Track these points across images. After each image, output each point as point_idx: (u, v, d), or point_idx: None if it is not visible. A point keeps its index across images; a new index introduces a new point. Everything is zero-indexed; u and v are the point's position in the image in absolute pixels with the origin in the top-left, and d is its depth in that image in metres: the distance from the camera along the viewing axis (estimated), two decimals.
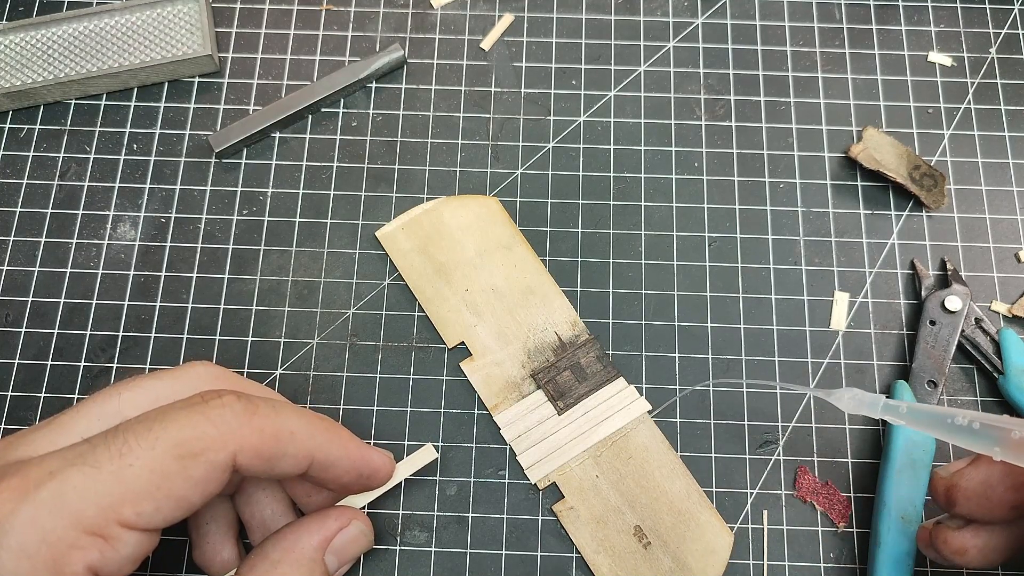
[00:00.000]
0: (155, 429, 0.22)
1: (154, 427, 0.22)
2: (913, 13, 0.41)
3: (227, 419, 0.23)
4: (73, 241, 0.37)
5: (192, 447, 0.22)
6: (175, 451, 0.22)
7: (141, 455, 0.21)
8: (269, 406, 0.24)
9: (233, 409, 0.23)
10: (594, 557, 0.32)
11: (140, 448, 0.21)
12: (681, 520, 0.32)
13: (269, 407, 0.24)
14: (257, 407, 0.24)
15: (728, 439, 0.34)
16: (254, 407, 0.24)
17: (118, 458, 0.21)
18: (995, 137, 0.39)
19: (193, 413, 0.22)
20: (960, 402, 0.35)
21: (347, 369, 0.35)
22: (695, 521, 0.32)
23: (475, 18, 0.41)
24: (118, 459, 0.21)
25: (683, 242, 0.37)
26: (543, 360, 0.35)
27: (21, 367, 0.35)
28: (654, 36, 0.40)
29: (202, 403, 0.23)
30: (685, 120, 0.39)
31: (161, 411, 0.23)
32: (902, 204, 0.38)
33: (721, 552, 0.32)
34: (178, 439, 0.22)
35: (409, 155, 0.38)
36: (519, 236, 0.37)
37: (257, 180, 0.38)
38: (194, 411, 0.23)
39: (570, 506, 0.32)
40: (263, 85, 0.40)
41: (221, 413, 0.23)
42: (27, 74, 0.38)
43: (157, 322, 0.36)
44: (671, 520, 0.32)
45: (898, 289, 0.36)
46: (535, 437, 0.33)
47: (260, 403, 0.24)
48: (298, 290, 0.36)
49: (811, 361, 0.35)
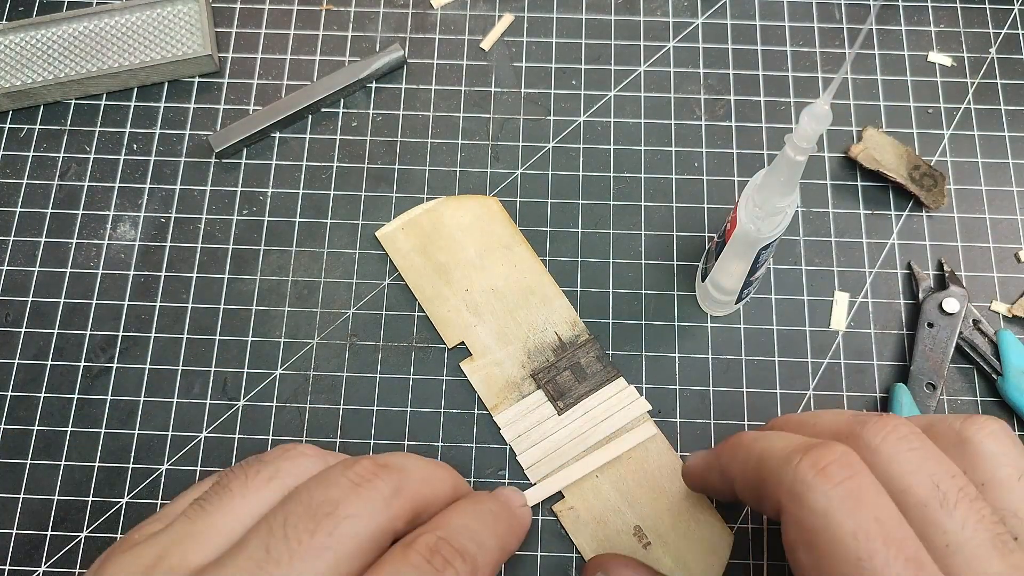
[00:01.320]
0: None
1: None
2: (913, 13, 0.41)
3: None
4: (73, 241, 0.37)
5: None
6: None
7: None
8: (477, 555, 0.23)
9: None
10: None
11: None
12: (681, 520, 0.32)
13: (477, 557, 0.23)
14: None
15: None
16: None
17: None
18: (995, 137, 0.39)
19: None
20: (959, 403, 0.35)
21: (347, 369, 0.35)
22: (695, 521, 0.32)
23: (475, 18, 0.41)
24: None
25: (683, 242, 0.37)
26: (543, 360, 0.35)
27: (21, 367, 0.35)
28: (654, 36, 0.40)
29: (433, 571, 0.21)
30: (685, 120, 0.39)
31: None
32: (902, 204, 0.38)
33: (721, 552, 0.32)
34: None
35: (409, 155, 0.38)
36: (519, 236, 0.37)
37: (257, 180, 0.38)
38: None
39: (570, 506, 0.32)
40: (263, 85, 0.40)
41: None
42: (27, 74, 0.38)
43: (157, 322, 0.36)
44: (671, 520, 0.32)
45: (898, 289, 0.36)
46: (535, 437, 0.33)
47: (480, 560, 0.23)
48: (298, 290, 0.36)
49: (811, 361, 0.35)
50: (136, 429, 0.34)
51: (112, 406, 0.34)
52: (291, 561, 0.19)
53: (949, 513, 0.20)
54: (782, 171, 0.26)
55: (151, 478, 0.33)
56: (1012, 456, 0.22)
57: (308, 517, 0.20)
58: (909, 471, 0.21)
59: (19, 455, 0.34)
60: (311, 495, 0.21)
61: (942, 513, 0.20)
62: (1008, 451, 0.22)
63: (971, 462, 0.22)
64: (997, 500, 0.21)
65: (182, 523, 0.21)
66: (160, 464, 0.34)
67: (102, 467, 0.34)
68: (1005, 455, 0.22)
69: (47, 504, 0.33)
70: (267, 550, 0.20)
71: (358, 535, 0.21)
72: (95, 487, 0.33)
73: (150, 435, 0.34)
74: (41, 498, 0.33)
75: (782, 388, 0.35)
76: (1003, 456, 0.22)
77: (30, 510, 0.33)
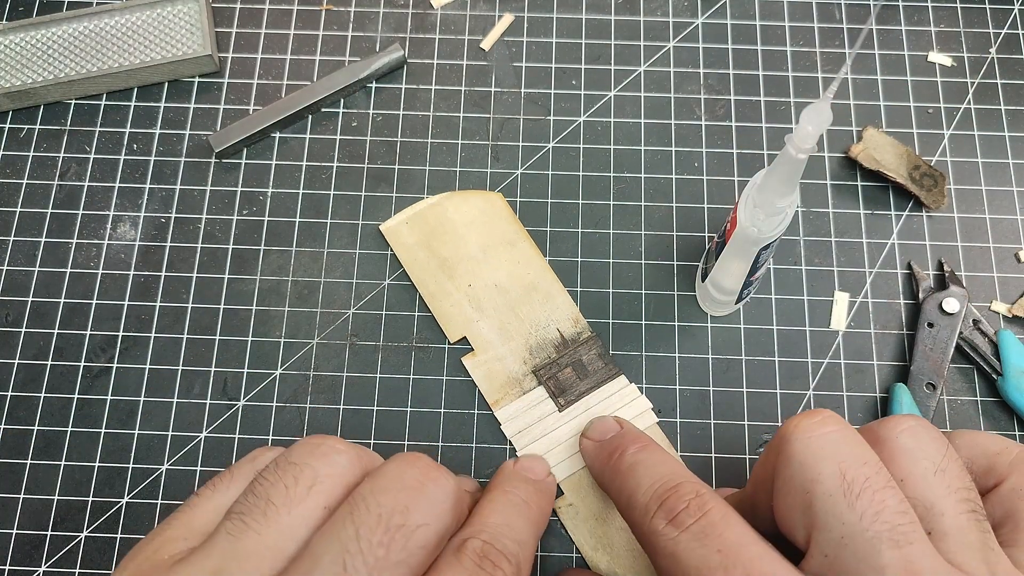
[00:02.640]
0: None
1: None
2: (913, 13, 0.41)
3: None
4: (73, 241, 0.37)
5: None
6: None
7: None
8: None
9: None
10: (593, 554, 0.32)
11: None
12: None
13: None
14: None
15: (728, 439, 0.34)
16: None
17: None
18: (995, 137, 0.39)
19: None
20: (959, 403, 0.35)
21: (347, 369, 0.35)
22: None
23: (475, 18, 0.41)
24: None
25: (683, 242, 0.37)
26: (545, 356, 0.35)
27: (21, 367, 0.35)
28: (654, 36, 0.40)
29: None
30: (685, 120, 0.39)
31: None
32: (902, 204, 0.38)
33: None
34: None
35: (409, 155, 0.38)
36: (523, 232, 0.37)
37: (257, 180, 0.38)
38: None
39: (569, 503, 0.32)
40: (263, 85, 0.40)
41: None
42: (27, 74, 0.38)
43: (157, 322, 0.36)
44: None
45: (898, 289, 0.36)
46: (536, 433, 0.33)
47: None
48: (298, 290, 0.36)
49: (811, 361, 0.35)
50: (136, 429, 0.34)
51: (112, 406, 0.34)
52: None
53: (851, 504, 0.21)
54: (782, 171, 0.26)
55: (151, 478, 0.33)
56: (929, 451, 0.22)
57: (381, 529, 0.20)
58: (821, 457, 0.22)
59: (19, 455, 0.34)
60: (379, 502, 0.21)
61: (844, 503, 0.21)
62: (924, 446, 0.23)
63: (890, 458, 0.22)
64: (914, 494, 0.22)
65: (227, 540, 0.20)
66: (160, 464, 0.34)
67: (102, 467, 0.34)
68: (921, 450, 0.22)
69: (47, 504, 0.33)
70: (344, 567, 0.19)
71: (428, 544, 0.21)
72: (95, 487, 0.33)
73: (150, 435, 0.34)
74: (41, 498, 0.33)
75: (782, 388, 0.35)
76: (919, 451, 0.22)
77: (30, 510, 0.33)
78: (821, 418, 0.23)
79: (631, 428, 0.31)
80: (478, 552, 0.22)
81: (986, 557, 0.21)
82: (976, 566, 0.20)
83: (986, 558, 0.21)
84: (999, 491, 0.23)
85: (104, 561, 0.32)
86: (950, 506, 0.21)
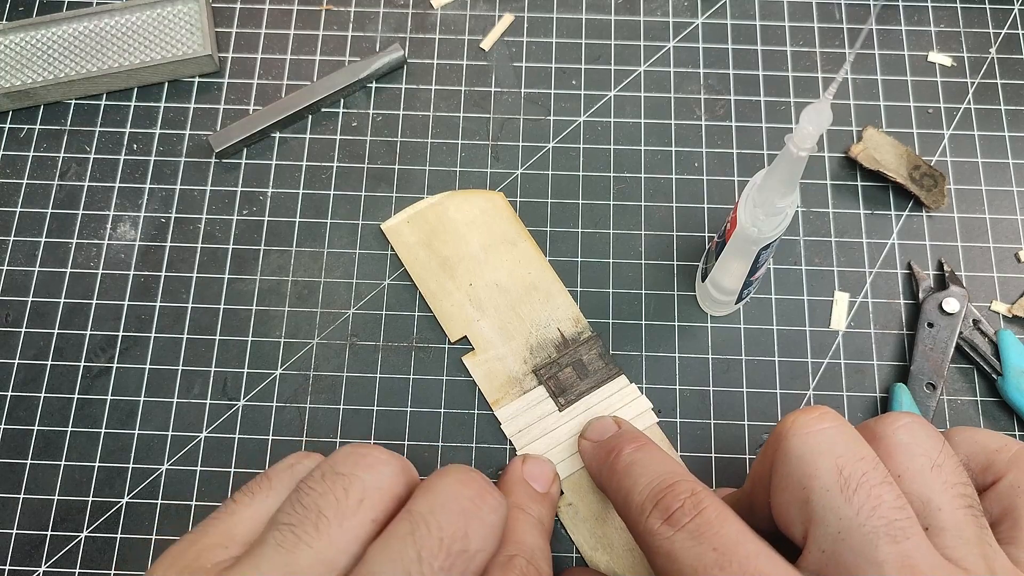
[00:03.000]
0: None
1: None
2: (913, 13, 0.41)
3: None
4: (73, 241, 0.37)
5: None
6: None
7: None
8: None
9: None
10: (592, 554, 0.32)
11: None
12: None
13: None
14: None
15: (728, 439, 0.34)
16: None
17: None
18: (995, 137, 0.39)
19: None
20: (959, 403, 0.35)
21: (347, 369, 0.35)
22: None
23: (475, 18, 0.41)
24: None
25: (683, 242, 0.37)
26: (545, 356, 0.35)
27: (21, 367, 0.35)
28: (654, 36, 0.40)
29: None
30: (685, 120, 0.39)
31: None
32: (902, 204, 0.38)
33: None
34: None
35: (409, 155, 0.38)
36: (524, 232, 0.37)
37: (257, 180, 0.38)
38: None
39: (569, 503, 0.32)
40: (263, 85, 0.40)
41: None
42: (27, 74, 0.38)
43: (157, 322, 0.36)
44: None
45: (898, 289, 0.36)
46: (535, 433, 0.33)
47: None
48: (298, 290, 0.36)
49: (811, 361, 0.35)
50: (136, 429, 0.34)
51: (112, 406, 0.34)
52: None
53: (848, 499, 0.21)
54: (782, 171, 0.26)
55: (151, 478, 0.33)
56: (925, 447, 0.22)
57: (443, 554, 0.20)
58: (818, 453, 0.22)
59: (19, 455, 0.34)
60: (440, 525, 0.21)
61: (841, 499, 0.21)
62: (920, 442, 0.23)
63: (887, 454, 0.22)
64: (911, 490, 0.22)
65: (276, 552, 0.20)
66: (160, 464, 0.34)
67: (102, 467, 0.34)
68: (918, 445, 0.23)
69: (47, 504, 0.33)
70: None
71: (481, 568, 0.22)
72: (95, 487, 0.33)
73: (150, 435, 0.34)
74: (41, 498, 0.33)
75: (782, 388, 0.35)
76: (916, 447, 0.22)
77: (30, 510, 0.33)
78: (818, 414, 0.23)
79: (629, 428, 0.31)
80: (523, 570, 0.24)
81: (983, 552, 0.21)
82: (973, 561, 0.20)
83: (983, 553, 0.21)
84: (997, 488, 0.23)
85: (104, 561, 0.32)
86: (947, 501, 0.21)
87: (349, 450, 0.23)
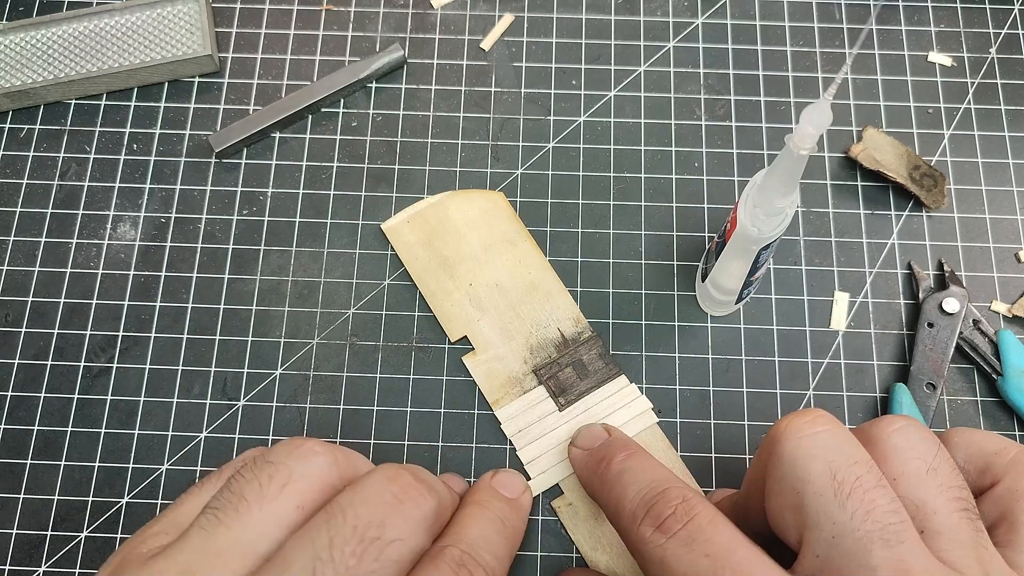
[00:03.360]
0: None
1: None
2: (913, 13, 0.41)
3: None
4: (73, 241, 0.37)
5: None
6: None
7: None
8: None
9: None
10: (592, 554, 0.32)
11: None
12: None
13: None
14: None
15: (728, 439, 0.34)
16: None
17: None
18: (995, 137, 0.39)
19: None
20: (959, 403, 0.35)
21: (347, 369, 0.35)
22: None
23: (475, 18, 0.41)
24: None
25: (683, 242, 0.37)
26: (545, 356, 0.35)
27: (21, 367, 0.35)
28: (654, 36, 0.40)
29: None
30: (685, 120, 0.39)
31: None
32: (902, 204, 0.38)
33: None
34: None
35: (409, 155, 0.38)
36: (524, 231, 0.37)
37: (257, 180, 0.38)
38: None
39: (568, 502, 0.32)
40: (263, 85, 0.40)
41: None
42: (27, 74, 0.38)
43: (157, 322, 0.36)
44: None
45: (898, 289, 0.36)
46: (535, 433, 0.33)
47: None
48: (298, 290, 0.36)
49: (811, 361, 0.35)
50: (136, 429, 0.34)
51: (112, 406, 0.34)
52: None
53: (841, 504, 0.21)
54: (782, 171, 0.26)
55: (151, 478, 0.33)
56: (920, 450, 0.22)
57: (355, 540, 0.20)
58: (812, 456, 0.22)
59: (19, 455, 0.34)
60: (356, 514, 0.21)
61: (835, 503, 0.21)
62: (915, 445, 0.23)
63: (882, 458, 0.22)
64: (906, 493, 0.21)
65: (199, 536, 0.20)
66: (160, 464, 0.34)
67: (102, 467, 0.34)
68: (912, 449, 0.22)
69: (47, 504, 0.33)
70: (313, 573, 0.19)
71: (401, 559, 0.21)
72: (95, 487, 0.33)
73: (150, 435, 0.34)
74: (41, 498, 0.33)
75: (782, 388, 0.35)
76: (910, 450, 0.22)
77: (30, 510, 0.33)
78: (812, 418, 0.23)
79: (619, 436, 0.31)
80: (456, 560, 0.22)
81: (979, 555, 0.20)
82: (969, 564, 0.20)
83: (979, 556, 0.20)
84: (995, 491, 0.23)
85: (104, 561, 0.32)
86: (942, 504, 0.21)
87: (286, 441, 0.23)
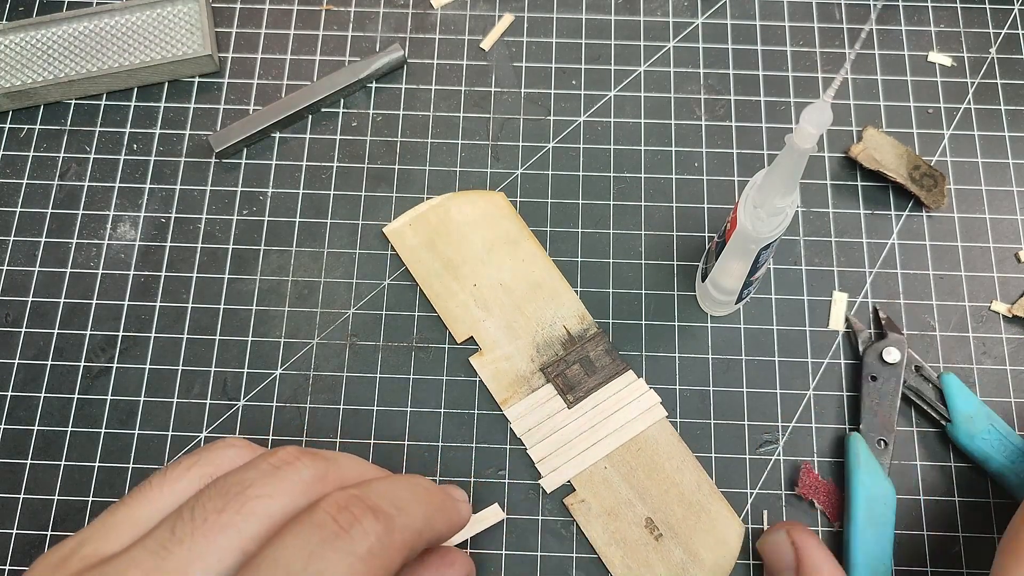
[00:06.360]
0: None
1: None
2: (913, 13, 0.41)
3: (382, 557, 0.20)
4: (73, 241, 0.37)
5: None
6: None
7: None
8: (408, 529, 0.22)
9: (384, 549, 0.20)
10: (606, 549, 0.32)
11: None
12: (692, 512, 0.32)
13: (408, 530, 0.22)
14: (403, 540, 0.21)
15: (728, 439, 0.34)
16: (401, 540, 0.21)
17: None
18: (995, 137, 0.39)
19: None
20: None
21: (347, 369, 0.35)
22: (706, 512, 0.32)
23: (475, 18, 0.41)
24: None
25: (683, 242, 0.37)
26: (552, 354, 0.35)
27: (21, 367, 0.35)
28: (654, 36, 0.40)
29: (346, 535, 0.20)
30: (685, 120, 0.39)
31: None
32: (902, 204, 0.38)
33: (732, 543, 0.32)
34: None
35: (409, 155, 0.38)
36: (526, 231, 0.37)
37: (257, 180, 0.38)
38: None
39: (581, 499, 0.33)
40: (263, 85, 0.40)
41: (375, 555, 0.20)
42: (27, 74, 0.38)
43: (157, 322, 0.36)
44: (682, 512, 0.32)
45: (898, 289, 0.36)
46: (545, 431, 0.33)
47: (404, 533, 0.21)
48: (298, 290, 0.36)
49: (811, 361, 0.35)
50: (136, 429, 0.34)
51: (112, 406, 0.34)
52: (192, 537, 0.19)
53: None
54: (782, 171, 0.26)
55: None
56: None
57: (218, 497, 0.20)
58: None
59: (19, 455, 0.34)
60: (227, 479, 0.21)
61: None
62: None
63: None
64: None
65: (102, 517, 0.22)
66: (160, 464, 0.34)
67: (102, 467, 0.34)
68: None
69: (47, 504, 0.33)
70: (172, 530, 0.20)
71: (269, 515, 0.20)
72: (95, 487, 0.33)
73: (150, 435, 0.34)
74: (41, 498, 0.33)
75: (782, 388, 0.35)
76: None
77: (30, 510, 0.33)
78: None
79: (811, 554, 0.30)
80: (339, 503, 0.20)
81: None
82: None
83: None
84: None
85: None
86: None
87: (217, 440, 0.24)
